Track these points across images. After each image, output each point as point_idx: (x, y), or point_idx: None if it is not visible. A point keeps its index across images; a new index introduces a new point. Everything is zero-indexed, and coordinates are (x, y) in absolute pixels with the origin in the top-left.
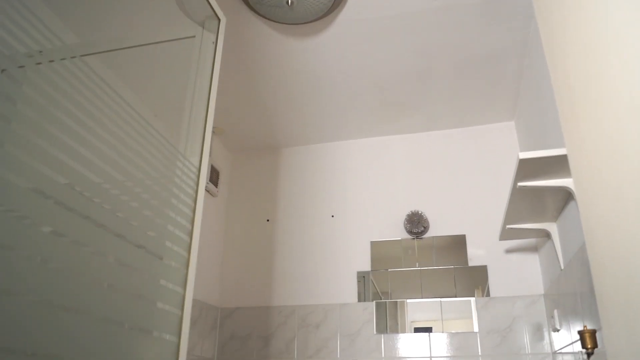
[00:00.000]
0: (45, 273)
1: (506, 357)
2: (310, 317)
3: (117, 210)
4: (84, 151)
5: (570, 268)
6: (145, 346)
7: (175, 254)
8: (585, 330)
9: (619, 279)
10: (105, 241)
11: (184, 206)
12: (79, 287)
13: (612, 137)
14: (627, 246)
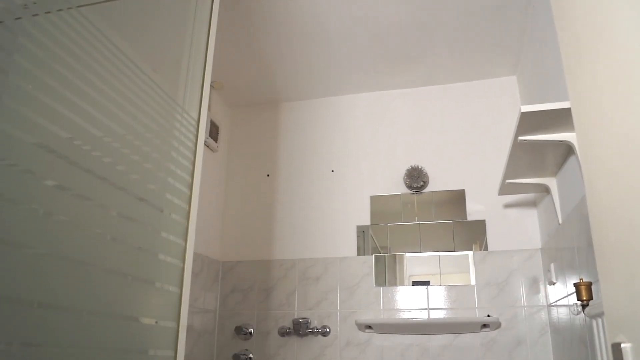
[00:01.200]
0: (50, 226)
1: (502, 309)
2: (311, 271)
3: (118, 163)
4: (83, 104)
5: (568, 222)
6: (148, 297)
7: (176, 207)
8: (581, 282)
9: (619, 229)
10: (107, 194)
11: (183, 159)
12: (83, 239)
13: (617, 87)
14: (628, 197)
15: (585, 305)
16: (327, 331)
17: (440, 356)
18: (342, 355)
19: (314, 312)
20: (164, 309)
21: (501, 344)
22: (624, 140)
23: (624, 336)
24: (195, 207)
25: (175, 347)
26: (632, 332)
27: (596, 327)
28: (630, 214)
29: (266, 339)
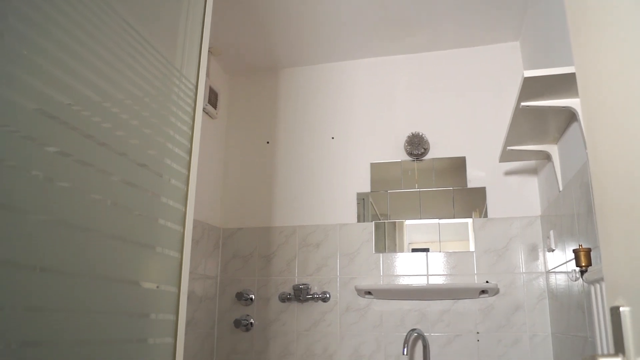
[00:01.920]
0: (51, 192)
1: (501, 275)
2: (311, 237)
3: (118, 128)
4: (81, 68)
5: (569, 189)
6: (149, 261)
7: (175, 172)
8: (581, 249)
9: (621, 192)
10: (108, 160)
11: (182, 124)
12: (84, 205)
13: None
14: (632, 161)
15: (583, 272)
16: (327, 297)
17: (438, 321)
18: (342, 321)
19: (314, 278)
20: (165, 273)
21: (499, 309)
22: (630, 103)
23: (622, 300)
24: (195, 173)
25: (176, 311)
26: (631, 295)
27: (594, 293)
28: (632, 177)
29: (267, 305)
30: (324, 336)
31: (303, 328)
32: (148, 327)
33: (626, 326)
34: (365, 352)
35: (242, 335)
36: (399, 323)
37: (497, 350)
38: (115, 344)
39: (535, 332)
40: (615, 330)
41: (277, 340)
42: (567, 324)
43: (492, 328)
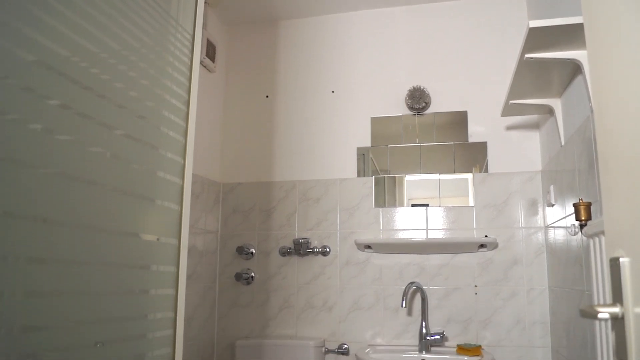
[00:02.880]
0: (52, 145)
1: (500, 230)
2: (311, 192)
3: (116, 80)
4: (77, 19)
5: (571, 144)
6: (148, 214)
7: (174, 124)
8: (581, 202)
9: (625, 143)
10: (107, 112)
11: (179, 74)
12: (84, 157)
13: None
14: (637, 111)
15: (583, 225)
16: (327, 251)
17: (437, 275)
18: (342, 274)
19: (314, 232)
20: (165, 226)
21: (497, 263)
22: (637, 53)
23: (623, 251)
24: (193, 125)
25: (177, 263)
26: (632, 246)
27: (593, 247)
28: (637, 127)
29: (267, 259)
30: (324, 289)
31: (303, 281)
32: (149, 279)
33: (625, 276)
34: (365, 305)
35: (243, 288)
36: (398, 276)
37: (494, 303)
38: (118, 295)
39: (532, 285)
40: (614, 281)
41: (277, 293)
42: (564, 278)
43: (490, 281)
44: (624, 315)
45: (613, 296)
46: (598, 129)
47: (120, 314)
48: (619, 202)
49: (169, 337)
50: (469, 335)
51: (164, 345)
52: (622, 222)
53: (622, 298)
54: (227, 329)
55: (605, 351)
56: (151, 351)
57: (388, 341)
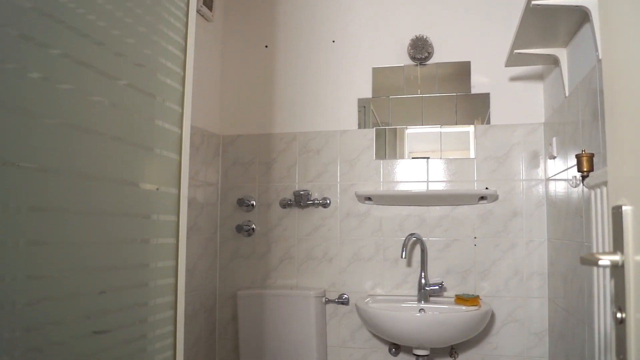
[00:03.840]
0: (50, 93)
1: (501, 182)
2: (311, 144)
3: (113, 27)
4: None
5: (575, 95)
6: (147, 163)
7: (171, 72)
8: (584, 153)
9: (632, 90)
10: (104, 60)
11: (176, 20)
12: (83, 105)
13: None
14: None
15: (585, 177)
16: (328, 203)
17: (437, 226)
18: (342, 226)
19: (315, 184)
20: (164, 175)
21: (497, 215)
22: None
23: (625, 199)
24: (191, 73)
25: (177, 213)
26: (635, 195)
27: (594, 198)
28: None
29: (268, 211)
30: (324, 241)
31: (304, 233)
32: (150, 228)
33: (627, 225)
34: (365, 256)
35: (244, 240)
36: (398, 228)
37: (493, 254)
38: (119, 244)
39: (531, 237)
40: (616, 230)
41: (278, 245)
42: (564, 230)
43: (489, 233)
44: (624, 263)
45: (614, 244)
46: (605, 75)
47: (122, 262)
48: (624, 151)
49: (171, 285)
50: (467, 285)
51: (166, 294)
52: (626, 171)
53: (623, 246)
54: (228, 279)
55: (602, 301)
56: (154, 299)
57: (387, 291)
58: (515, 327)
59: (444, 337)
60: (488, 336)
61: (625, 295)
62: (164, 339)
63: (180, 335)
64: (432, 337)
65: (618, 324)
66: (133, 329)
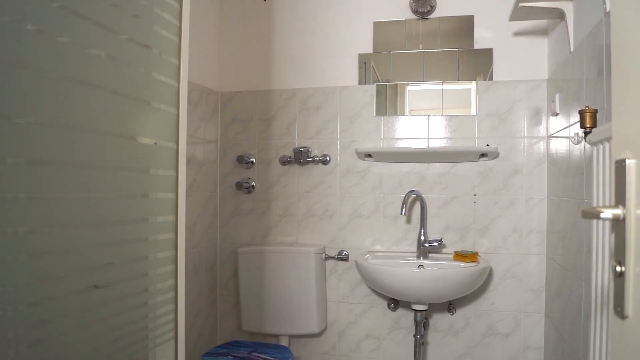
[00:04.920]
0: (47, 46)
1: (502, 139)
2: (311, 100)
3: None
4: None
5: (580, 50)
6: (144, 116)
7: (167, 23)
8: (587, 109)
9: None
10: (100, 10)
11: None
12: (79, 58)
13: None
14: None
15: (587, 133)
16: (328, 160)
17: (437, 184)
18: (342, 183)
19: (314, 141)
20: (162, 129)
21: (497, 172)
22: None
23: (629, 152)
24: (187, 24)
25: (176, 168)
26: (639, 148)
27: (596, 154)
28: None
29: (268, 168)
30: (324, 198)
31: (303, 190)
32: (149, 183)
33: (630, 178)
34: (364, 213)
35: (244, 197)
36: (398, 185)
37: (492, 211)
38: (118, 198)
39: (531, 195)
40: (618, 183)
41: (278, 202)
42: (564, 187)
43: (489, 191)
44: (626, 216)
45: (615, 198)
46: (613, 27)
47: (121, 217)
48: (629, 104)
49: (171, 240)
50: (466, 242)
51: (166, 248)
52: (631, 124)
53: (625, 200)
54: (229, 236)
55: (600, 256)
56: (154, 254)
57: (387, 248)
58: (512, 283)
59: (442, 292)
60: (486, 292)
61: (625, 249)
62: (166, 292)
63: (181, 289)
64: (431, 293)
65: (617, 277)
66: (134, 282)
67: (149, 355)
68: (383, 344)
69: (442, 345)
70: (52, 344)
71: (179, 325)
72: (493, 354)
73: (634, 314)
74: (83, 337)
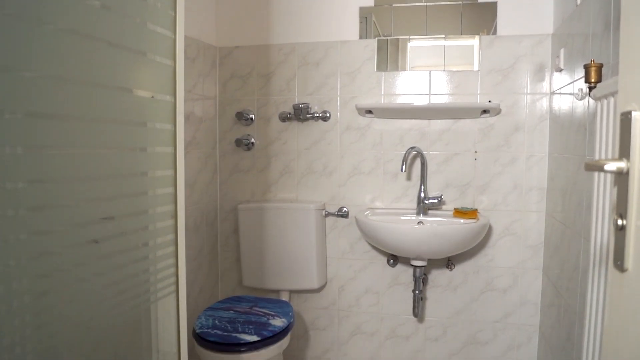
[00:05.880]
0: None
1: (504, 95)
2: (311, 55)
3: None
4: None
5: (587, 4)
6: (140, 68)
7: None
8: (592, 63)
9: None
10: None
11: None
12: (76, 8)
13: None
14: None
15: (592, 88)
16: (328, 116)
17: (438, 140)
18: (342, 139)
19: (314, 97)
20: (159, 82)
21: (499, 129)
22: None
23: (635, 104)
24: None
25: (173, 121)
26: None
27: (600, 109)
28: None
29: (267, 124)
30: (324, 154)
31: (303, 147)
32: (146, 136)
33: (635, 130)
34: (365, 169)
35: (244, 154)
36: (399, 142)
37: (493, 168)
38: (115, 151)
39: (532, 152)
40: (623, 136)
41: (278, 159)
42: (566, 144)
43: (490, 147)
44: (629, 169)
45: (620, 151)
46: None
47: (120, 170)
48: (637, 56)
49: (170, 194)
50: (466, 199)
51: (166, 203)
52: (638, 75)
53: (630, 153)
54: (229, 193)
55: (600, 213)
56: (153, 207)
57: (387, 205)
58: (511, 240)
59: (441, 248)
60: (484, 248)
61: (628, 202)
62: (166, 246)
63: (181, 243)
64: (430, 249)
65: (618, 231)
66: (134, 236)
67: (150, 308)
68: (382, 299)
69: (441, 301)
70: (55, 296)
71: (180, 278)
72: (490, 309)
73: (633, 267)
74: (86, 290)
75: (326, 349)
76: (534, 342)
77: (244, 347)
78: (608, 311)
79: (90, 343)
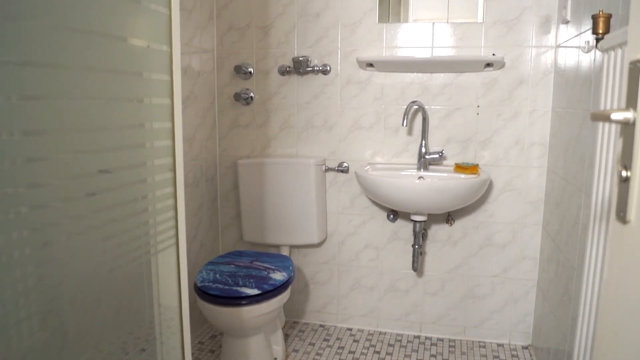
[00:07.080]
0: None
1: (508, 48)
2: (310, 6)
3: None
4: None
5: None
6: (134, 16)
7: None
8: (601, 14)
9: None
10: None
11: None
12: None
13: None
14: None
15: (599, 39)
16: (328, 69)
17: (440, 94)
18: (343, 93)
19: (314, 50)
20: (154, 31)
21: (502, 83)
22: None
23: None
24: None
25: (170, 72)
26: None
27: (607, 62)
28: None
29: (266, 78)
30: (324, 109)
31: (303, 101)
32: (142, 87)
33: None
34: (365, 124)
35: (243, 108)
36: (400, 96)
37: (495, 123)
38: (111, 102)
39: (535, 107)
40: (631, 86)
41: (277, 113)
42: (570, 99)
43: (493, 102)
44: (636, 120)
45: (627, 102)
46: None
47: (116, 121)
48: None
49: (168, 147)
50: (467, 154)
51: (164, 155)
52: None
53: (637, 103)
54: (228, 148)
55: (603, 168)
56: (151, 160)
57: (387, 160)
58: (512, 195)
59: (441, 204)
60: (485, 204)
61: (633, 153)
62: (165, 199)
63: (180, 196)
64: (430, 204)
65: (622, 182)
66: (133, 188)
67: (151, 261)
68: (382, 253)
69: (440, 255)
70: (56, 247)
71: (180, 231)
72: (489, 264)
73: (636, 219)
74: (87, 242)
75: (326, 302)
76: (531, 296)
77: (244, 301)
78: (608, 263)
79: (92, 295)
